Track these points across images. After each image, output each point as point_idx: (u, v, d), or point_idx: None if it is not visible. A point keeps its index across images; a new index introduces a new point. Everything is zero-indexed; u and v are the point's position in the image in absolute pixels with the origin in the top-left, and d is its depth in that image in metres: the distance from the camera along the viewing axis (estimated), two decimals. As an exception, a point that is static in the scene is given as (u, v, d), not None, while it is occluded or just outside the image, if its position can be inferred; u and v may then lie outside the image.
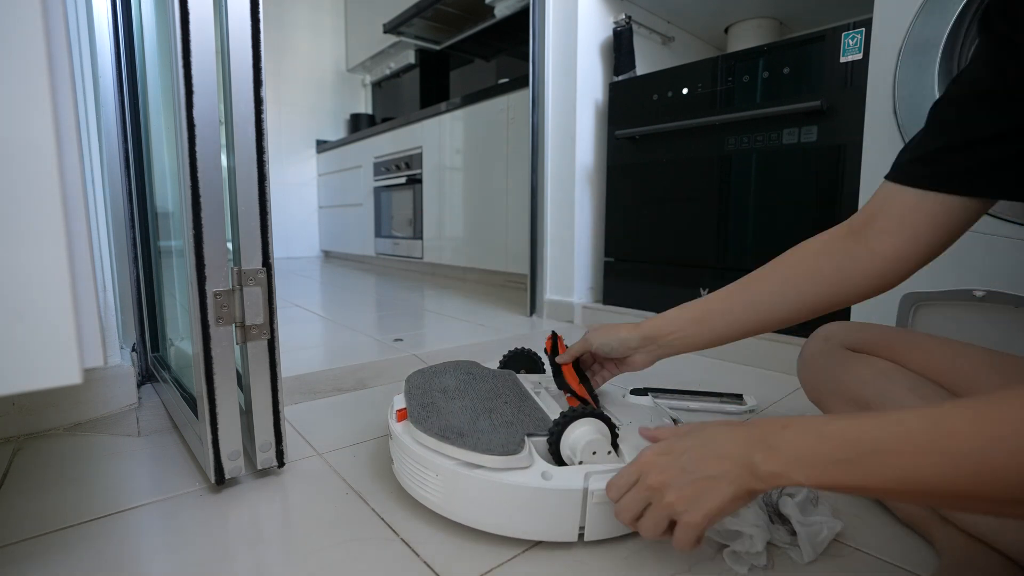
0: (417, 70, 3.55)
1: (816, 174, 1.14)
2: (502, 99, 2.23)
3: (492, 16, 2.93)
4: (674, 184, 1.42)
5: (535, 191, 1.71)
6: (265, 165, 0.60)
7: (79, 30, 0.81)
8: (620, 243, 1.58)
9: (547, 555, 0.53)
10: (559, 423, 0.56)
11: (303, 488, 0.65)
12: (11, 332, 0.35)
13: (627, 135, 1.50)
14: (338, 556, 0.52)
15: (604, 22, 1.63)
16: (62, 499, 0.61)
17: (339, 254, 3.98)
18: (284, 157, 3.90)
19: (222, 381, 0.60)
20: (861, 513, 0.60)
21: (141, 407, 0.89)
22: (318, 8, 3.98)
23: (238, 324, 0.60)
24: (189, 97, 0.54)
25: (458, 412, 0.62)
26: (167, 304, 1.02)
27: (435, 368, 0.77)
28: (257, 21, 0.57)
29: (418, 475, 0.57)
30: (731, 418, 0.77)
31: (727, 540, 0.53)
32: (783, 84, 1.18)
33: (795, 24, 1.76)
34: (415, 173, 2.84)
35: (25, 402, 0.78)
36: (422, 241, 2.83)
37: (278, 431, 0.65)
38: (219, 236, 0.57)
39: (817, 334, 0.68)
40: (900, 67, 0.90)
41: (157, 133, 0.93)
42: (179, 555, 0.52)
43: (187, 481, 0.65)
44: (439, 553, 0.52)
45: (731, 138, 1.28)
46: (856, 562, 0.52)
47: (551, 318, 1.72)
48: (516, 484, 0.52)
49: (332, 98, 4.12)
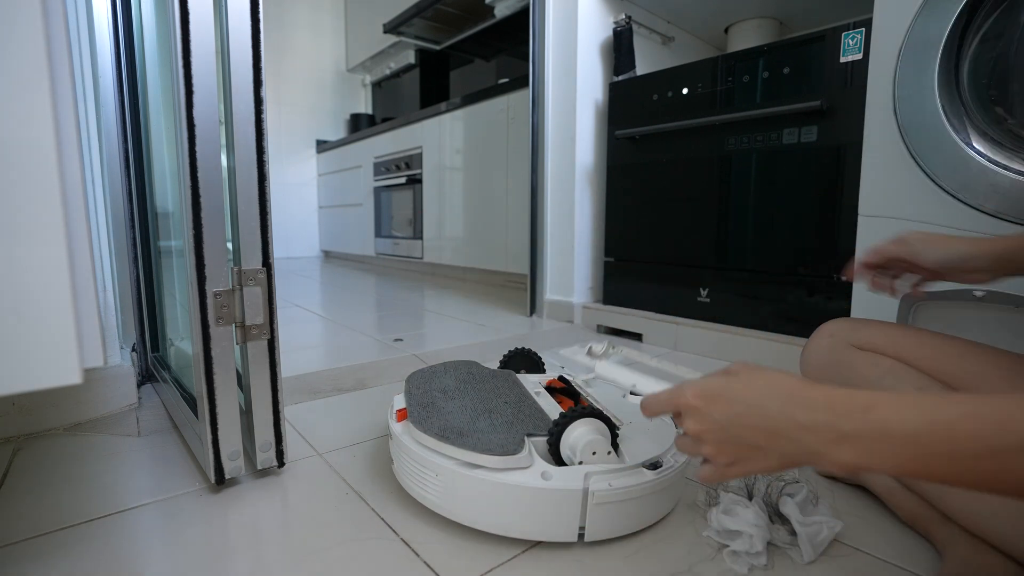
0: (417, 70, 3.55)
1: (816, 174, 1.14)
2: (502, 99, 2.23)
3: (492, 16, 2.93)
4: (674, 184, 1.42)
5: (535, 191, 1.71)
6: (265, 165, 0.60)
7: (79, 30, 0.81)
8: (620, 243, 1.58)
9: (547, 555, 0.53)
10: (559, 423, 0.56)
11: (303, 488, 0.65)
12: (11, 332, 0.35)
13: (627, 135, 1.50)
14: (338, 556, 0.52)
15: (604, 22, 1.63)
16: (62, 499, 0.61)
17: (339, 254, 3.98)
18: (284, 157, 3.90)
19: (222, 381, 0.60)
20: (861, 513, 0.60)
21: (141, 407, 0.89)
22: (318, 8, 3.98)
23: (238, 324, 0.60)
24: (189, 97, 0.54)
25: (458, 412, 0.62)
26: (167, 304, 1.02)
27: (435, 368, 0.77)
28: (257, 21, 0.57)
29: (418, 475, 0.57)
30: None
31: (727, 540, 0.53)
32: (783, 84, 1.18)
33: (795, 24, 1.76)
34: (415, 173, 2.84)
35: (25, 402, 0.78)
36: (422, 241, 2.83)
37: (278, 431, 0.65)
38: (219, 236, 0.57)
39: (821, 331, 0.68)
40: (900, 67, 0.90)
41: (157, 133, 0.93)
42: (179, 555, 0.52)
43: (187, 481, 0.65)
44: (439, 553, 0.52)
45: (731, 138, 1.28)
46: (856, 562, 0.52)
47: (551, 318, 1.71)
48: (516, 484, 0.52)
49: (332, 98, 4.12)
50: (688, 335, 1.36)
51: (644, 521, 0.56)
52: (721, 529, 0.54)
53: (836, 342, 0.64)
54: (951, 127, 0.85)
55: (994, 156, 0.81)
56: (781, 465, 0.37)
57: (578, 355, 0.75)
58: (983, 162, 0.82)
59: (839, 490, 0.65)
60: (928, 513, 0.54)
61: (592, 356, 0.74)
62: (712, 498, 0.60)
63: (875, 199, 0.97)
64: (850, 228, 1.03)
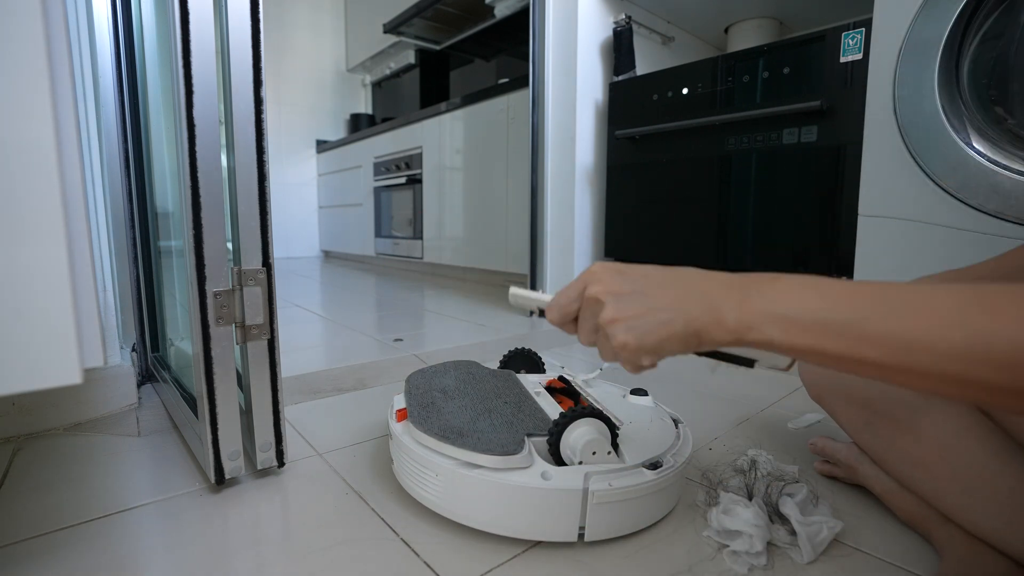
0: (417, 70, 3.55)
1: (816, 174, 1.14)
2: (502, 99, 2.23)
3: (492, 16, 2.93)
4: (674, 184, 1.42)
5: (535, 191, 1.71)
6: (265, 165, 0.60)
7: (79, 30, 0.81)
8: (620, 243, 1.58)
9: (547, 555, 0.53)
10: (559, 423, 0.56)
11: (303, 488, 0.65)
12: (11, 332, 0.35)
13: (627, 135, 1.50)
14: (338, 556, 0.52)
15: (604, 22, 1.63)
16: (62, 499, 0.61)
17: (339, 254, 3.98)
18: (284, 157, 3.90)
19: (222, 381, 0.60)
20: (861, 513, 0.60)
21: (141, 407, 0.89)
22: (318, 8, 3.98)
23: (238, 324, 0.60)
24: (189, 97, 0.54)
25: (458, 412, 0.62)
26: (167, 304, 1.02)
27: (435, 368, 0.77)
28: (257, 21, 0.57)
29: (418, 475, 0.57)
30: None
31: (727, 540, 0.53)
32: (783, 84, 1.18)
33: (795, 24, 1.76)
34: (415, 173, 2.84)
35: (25, 402, 0.78)
36: (422, 241, 2.83)
37: (278, 431, 0.65)
38: (219, 236, 0.57)
39: None
40: (900, 67, 0.90)
41: (157, 133, 0.93)
42: (179, 555, 0.52)
43: (187, 481, 0.65)
44: (439, 553, 0.52)
45: (731, 138, 1.28)
46: (856, 562, 0.52)
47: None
48: (516, 484, 0.52)
49: (332, 98, 4.12)
50: (688, 335, 1.36)
51: (644, 521, 0.56)
52: (721, 529, 0.54)
53: None
54: (951, 127, 0.85)
55: (994, 156, 0.81)
56: (684, 332, 0.35)
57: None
58: (983, 162, 0.82)
59: (839, 490, 0.65)
60: (927, 513, 0.54)
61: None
62: (712, 498, 0.60)
63: (875, 199, 0.97)
64: (850, 228, 1.03)
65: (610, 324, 0.38)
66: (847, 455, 0.64)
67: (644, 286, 0.38)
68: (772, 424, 0.86)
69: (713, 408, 0.94)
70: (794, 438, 0.81)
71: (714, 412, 0.92)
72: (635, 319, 0.37)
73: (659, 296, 0.37)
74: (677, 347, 0.36)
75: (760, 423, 0.87)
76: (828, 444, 0.68)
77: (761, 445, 0.77)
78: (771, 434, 0.82)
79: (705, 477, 0.66)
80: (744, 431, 0.83)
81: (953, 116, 0.85)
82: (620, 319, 0.37)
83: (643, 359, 0.37)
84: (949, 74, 0.86)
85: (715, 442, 0.79)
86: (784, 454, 0.75)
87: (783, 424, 0.86)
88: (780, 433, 0.83)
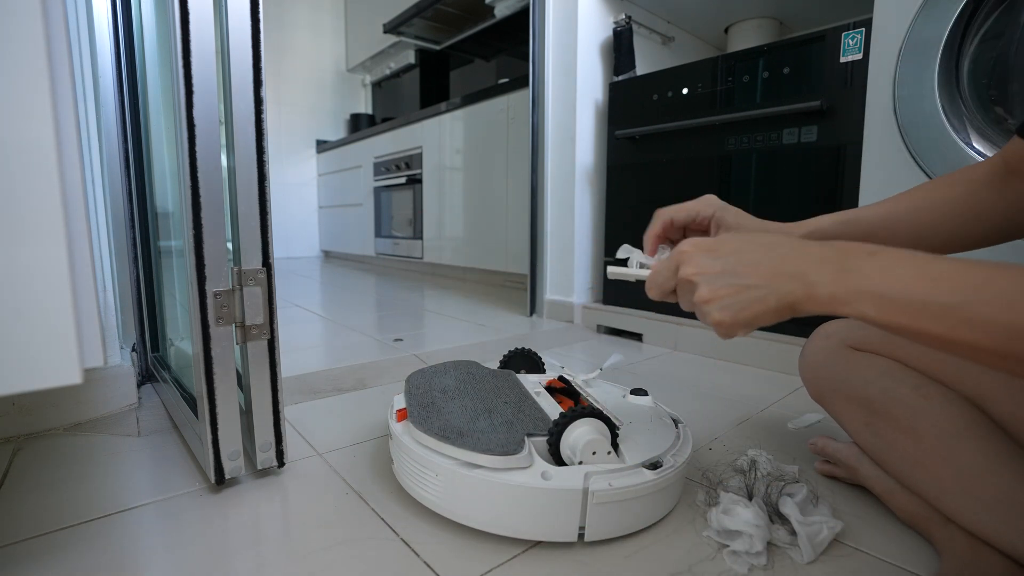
0: (417, 70, 3.56)
1: (816, 174, 1.14)
2: (502, 99, 2.23)
3: (492, 16, 2.93)
4: (674, 184, 1.42)
5: (535, 191, 1.71)
6: (265, 165, 0.60)
7: (79, 30, 0.81)
8: (620, 243, 1.58)
9: (547, 555, 0.53)
10: (559, 423, 0.56)
11: (303, 488, 0.65)
12: (11, 332, 0.35)
13: (627, 135, 1.50)
14: (338, 556, 0.52)
15: (604, 22, 1.63)
16: (62, 499, 0.61)
17: (339, 254, 3.98)
18: (284, 157, 3.90)
19: (222, 381, 0.60)
20: (861, 513, 0.60)
21: (141, 407, 0.89)
22: (318, 8, 3.98)
23: (238, 324, 0.60)
24: (189, 97, 0.54)
25: (458, 412, 0.62)
26: (167, 304, 1.02)
27: (435, 368, 0.77)
28: (257, 21, 0.57)
29: (418, 475, 0.57)
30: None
31: (727, 540, 0.53)
32: (783, 84, 1.18)
33: (795, 24, 1.76)
34: (415, 173, 2.84)
35: (25, 402, 0.78)
36: (422, 241, 2.83)
37: (278, 431, 0.65)
38: (219, 236, 0.57)
39: (819, 332, 0.68)
40: (900, 67, 0.90)
41: (157, 133, 0.93)
42: (179, 555, 0.52)
43: (187, 481, 0.65)
44: (439, 553, 0.52)
45: (731, 138, 1.28)
46: (856, 562, 0.52)
47: (551, 318, 1.71)
48: (516, 484, 0.52)
49: (332, 98, 4.12)
50: (688, 335, 1.36)
51: (644, 521, 0.56)
52: (721, 529, 0.54)
53: (833, 343, 0.65)
54: (951, 127, 0.85)
55: (994, 156, 0.81)
56: (777, 306, 0.36)
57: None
58: (983, 162, 0.82)
59: (839, 490, 0.65)
60: (927, 513, 0.54)
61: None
62: (712, 498, 0.60)
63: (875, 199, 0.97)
64: (850, 228, 1.03)
65: (705, 304, 0.39)
66: (847, 455, 0.64)
67: (735, 264, 0.38)
68: (772, 424, 0.86)
69: (713, 408, 0.94)
70: (794, 438, 0.81)
71: (714, 412, 0.92)
72: (728, 298, 0.38)
73: (751, 273, 0.37)
74: (770, 320, 0.37)
75: (760, 423, 0.87)
76: (828, 444, 0.68)
77: (761, 445, 0.77)
78: (771, 434, 0.82)
79: (705, 477, 0.66)
80: (744, 431, 0.83)
81: (953, 116, 0.86)
82: (714, 299, 0.38)
83: (738, 332, 0.39)
84: (949, 74, 0.86)
85: (715, 442, 0.79)
86: (784, 454, 0.75)
87: (783, 424, 0.86)
88: (780, 433, 0.83)
